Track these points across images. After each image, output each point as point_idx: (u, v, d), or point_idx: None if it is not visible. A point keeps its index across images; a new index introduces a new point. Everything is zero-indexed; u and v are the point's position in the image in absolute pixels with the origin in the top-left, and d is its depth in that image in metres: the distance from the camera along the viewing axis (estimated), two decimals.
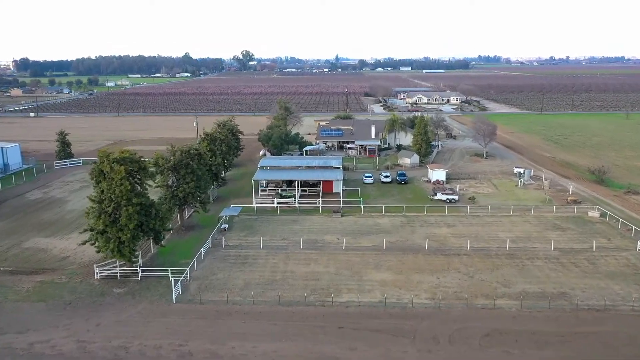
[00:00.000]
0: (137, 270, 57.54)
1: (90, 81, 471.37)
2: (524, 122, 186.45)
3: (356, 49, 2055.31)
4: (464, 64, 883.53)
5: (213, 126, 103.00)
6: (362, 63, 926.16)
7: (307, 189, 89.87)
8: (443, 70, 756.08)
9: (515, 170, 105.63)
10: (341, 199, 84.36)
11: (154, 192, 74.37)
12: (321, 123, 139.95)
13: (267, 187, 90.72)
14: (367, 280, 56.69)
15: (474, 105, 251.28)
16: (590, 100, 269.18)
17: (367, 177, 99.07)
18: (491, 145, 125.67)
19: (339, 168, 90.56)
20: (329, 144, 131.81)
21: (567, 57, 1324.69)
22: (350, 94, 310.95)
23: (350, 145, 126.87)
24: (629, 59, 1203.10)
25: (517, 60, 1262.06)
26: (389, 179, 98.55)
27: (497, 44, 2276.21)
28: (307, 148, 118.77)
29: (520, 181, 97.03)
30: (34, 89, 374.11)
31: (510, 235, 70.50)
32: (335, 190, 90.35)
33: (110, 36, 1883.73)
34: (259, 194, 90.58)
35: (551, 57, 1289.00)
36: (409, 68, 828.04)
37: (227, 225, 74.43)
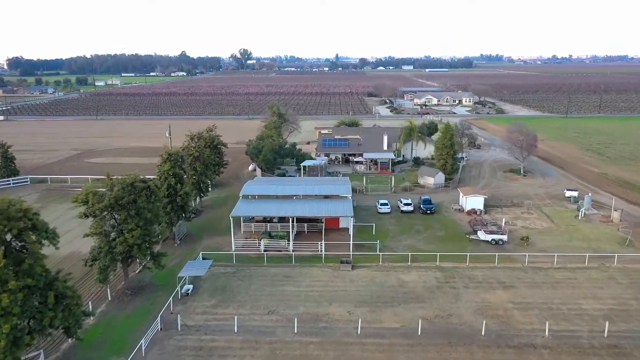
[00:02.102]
0: None
1: (79, 80, 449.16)
2: (552, 127, 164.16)
3: (356, 48, 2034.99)
4: (467, 63, 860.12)
5: (185, 139, 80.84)
6: (363, 62, 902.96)
7: (306, 223, 67.95)
8: (446, 69, 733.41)
9: (568, 193, 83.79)
10: (351, 242, 62.33)
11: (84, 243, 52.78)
12: (322, 131, 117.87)
13: (252, 220, 68.77)
14: None
15: (489, 107, 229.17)
16: (614, 101, 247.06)
17: (382, 205, 76.98)
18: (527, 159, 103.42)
19: (347, 197, 68.21)
20: (332, 157, 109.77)
21: (570, 55, 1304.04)
22: (353, 94, 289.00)
23: (358, 158, 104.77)
24: (632, 58, 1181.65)
25: (520, 59, 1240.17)
26: (410, 208, 76.57)
27: (498, 42, 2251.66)
28: (306, 163, 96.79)
29: (581, 211, 75.02)
30: (15, 88, 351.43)
31: (601, 306, 48.57)
32: (342, 224, 68.60)
33: (107, 35, 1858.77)
34: (242, 230, 68.66)
35: (554, 56, 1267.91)
36: (411, 67, 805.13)
37: (190, 287, 52.48)
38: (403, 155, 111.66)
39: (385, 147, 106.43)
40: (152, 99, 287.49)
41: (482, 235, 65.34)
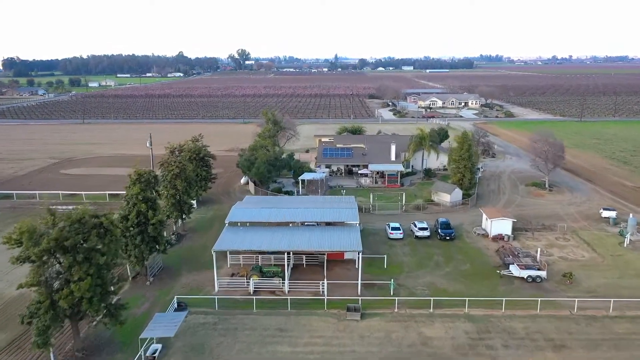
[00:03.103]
0: None
1: (72, 82, 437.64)
2: (568, 133, 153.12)
3: (355, 48, 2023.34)
4: (468, 63, 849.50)
5: (165, 154, 69.73)
6: (363, 62, 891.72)
7: (305, 254, 56.98)
8: (447, 70, 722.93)
9: (605, 214, 72.95)
10: (359, 281, 51.36)
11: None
12: (323, 140, 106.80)
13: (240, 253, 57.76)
14: None
15: (497, 110, 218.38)
16: (626, 103, 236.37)
17: (393, 229, 66.01)
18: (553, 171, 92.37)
19: (355, 225, 57.06)
20: (334, 168, 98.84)
21: (570, 56, 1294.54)
22: (354, 96, 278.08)
23: (363, 170, 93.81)
24: (632, 59, 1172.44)
25: (520, 59, 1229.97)
26: (426, 233, 65.62)
27: (498, 43, 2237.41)
28: (305, 177, 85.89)
29: (626, 237, 64.15)
30: (4, 90, 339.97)
31: None
32: (347, 255, 57.78)
33: (104, 35, 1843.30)
34: (228, 262, 57.75)
35: (553, 57, 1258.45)
36: (411, 67, 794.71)
37: (159, 348, 41.48)
38: (412, 166, 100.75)
39: (393, 158, 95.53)
40: (144, 101, 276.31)
41: (515, 270, 54.45)
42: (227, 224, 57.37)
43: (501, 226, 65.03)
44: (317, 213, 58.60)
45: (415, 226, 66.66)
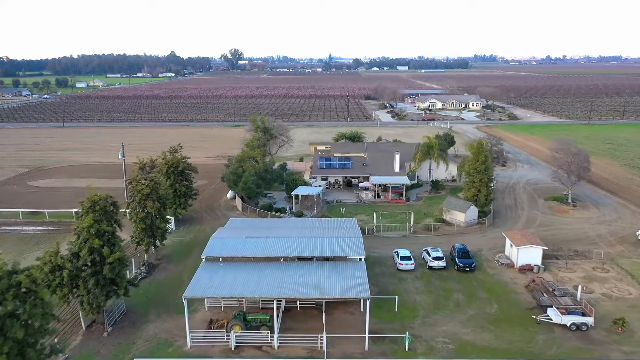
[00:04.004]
0: None
1: (59, 82, 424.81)
2: (579, 138, 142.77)
3: (349, 48, 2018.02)
4: (463, 63, 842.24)
5: (131, 172, 59.46)
6: (357, 62, 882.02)
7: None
8: (442, 70, 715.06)
9: None
10: (367, 335, 41.40)
11: None
12: (319, 148, 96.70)
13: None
14: None
15: (499, 112, 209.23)
16: (633, 105, 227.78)
17: (403, 259, 56.11)
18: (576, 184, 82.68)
19: (360, 261, 46.94)
20: (331, 180, 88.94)
21: (564, 56, 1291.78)
22: (349, 97, 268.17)
23: (364, 184, 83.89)
24: (625, 58, 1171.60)
25: (514, 59, 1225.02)
26: (442, 264, 55.83)
27: (492, 43, 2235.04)
28: (299, 192, 75.94)
29: None
30: None
31: None
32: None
33: (95, 34, 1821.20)
34: (206, 305, 47.63)
35: (547, 57, 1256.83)
36: (406, 67, 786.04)
37: None
38: (417, 177, 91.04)
39: (397, 169, 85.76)
40: (131, 103, 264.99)
41: (554, 314, 44.78)
42: (203, 260, 47.18)
43: (530, 255, 55.39)
44: (314, 245, 48.47)
45: (429, 254, 56.84)
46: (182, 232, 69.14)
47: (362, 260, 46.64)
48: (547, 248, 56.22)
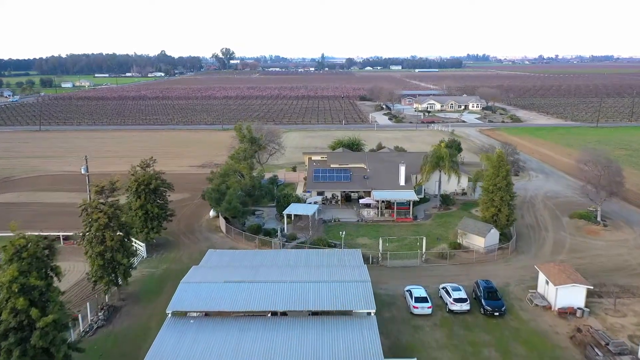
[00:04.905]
0: None
1: (44, 82, 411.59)
2: (590, 142, 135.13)
3: (342, 48, 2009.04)
4: (457, 63, 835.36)
5: (82, 201, 48.91)
6: (350, 62, 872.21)
7: None
8: (436, 70, 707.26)
9: None
10: None
11: None
12: (314, 158, 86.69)
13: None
14: None
15: (501, 114, 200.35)
16: (637, 106, 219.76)
17: (418, 301, 46.19)
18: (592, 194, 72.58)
19: (369, 315, 37.07)
20: (328, 195, 79.01)
21: (557, 55, 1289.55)
22: (344, 98, 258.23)
23: (366, 200, 73.93)
24: (617, 58, 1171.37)
25: (506, 59, 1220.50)
26: (466, 307, 46.02)
27: (484, 42, 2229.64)
28: (292, 211, 65.92)
29: None
30: None
31: None
32: None
33: (84, 33, 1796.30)
34: None
35: (540, 56, 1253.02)
36: (400, 67, 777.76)
37: None
38: (424, 190, 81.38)
39: (402, 182, 75.96)
40: (116, 104, 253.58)
41: None
42: (169, 315, 37.03)
43: (572, 296, 45.75)
44: (311, 292, 38.47)
45: (449, 294, 47.02)
46: (154, 261, 58.87)
47: (373, 315, 36.71)
48: (592, 287, 46.58)
